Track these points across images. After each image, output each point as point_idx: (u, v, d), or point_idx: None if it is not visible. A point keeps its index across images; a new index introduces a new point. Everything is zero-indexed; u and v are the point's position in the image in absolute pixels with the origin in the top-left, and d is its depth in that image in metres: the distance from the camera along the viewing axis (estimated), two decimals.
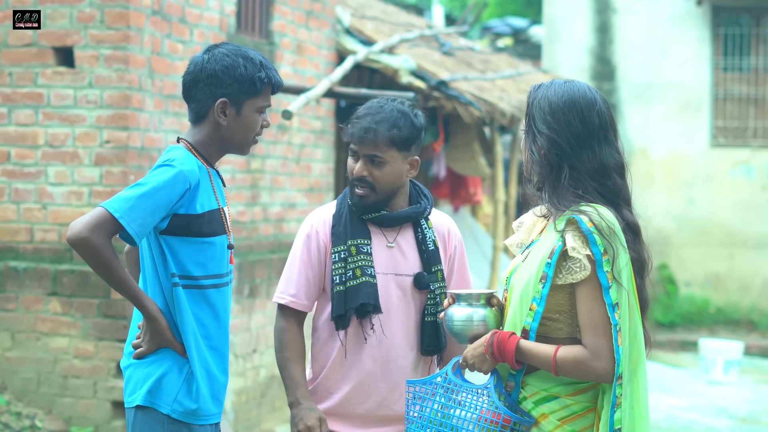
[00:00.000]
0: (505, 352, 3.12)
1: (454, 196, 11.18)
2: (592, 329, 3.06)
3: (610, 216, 3.11)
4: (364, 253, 3.74)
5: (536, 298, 3.12)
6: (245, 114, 3.52)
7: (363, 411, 3.77)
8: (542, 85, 3.26)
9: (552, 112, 3.17)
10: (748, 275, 14.60)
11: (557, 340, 3.13)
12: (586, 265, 3.06)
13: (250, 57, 3.52)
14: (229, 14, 7.73)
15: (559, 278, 3.10)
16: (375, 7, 12.06)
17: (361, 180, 3.74)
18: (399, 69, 9.14)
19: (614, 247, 3.06)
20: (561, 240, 3.10)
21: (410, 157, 3.78)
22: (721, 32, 14.80)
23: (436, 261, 3.78)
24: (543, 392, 3.16)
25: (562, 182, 3.14)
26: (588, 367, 3.07)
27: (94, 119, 6.69)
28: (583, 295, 3.08)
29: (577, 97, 3.20)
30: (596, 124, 3.19)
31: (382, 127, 3.72)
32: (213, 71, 3.48)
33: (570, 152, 3.15)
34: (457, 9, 22.82)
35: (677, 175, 14.81)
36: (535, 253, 3.19)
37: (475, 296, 3.25)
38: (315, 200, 9.03)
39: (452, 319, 3.26)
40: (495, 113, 9.62)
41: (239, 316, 7.66)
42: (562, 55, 15.33)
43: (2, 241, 6.89)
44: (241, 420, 7.82)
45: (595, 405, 3.15)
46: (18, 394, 6.83)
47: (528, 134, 3.23)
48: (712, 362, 11.38)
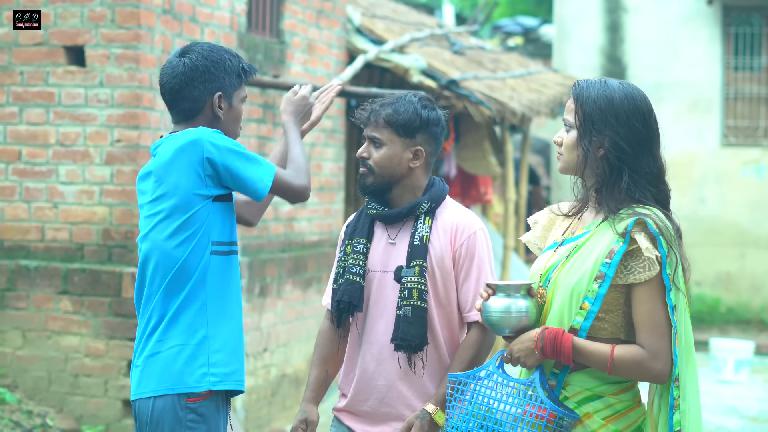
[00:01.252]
0: (562, 349, 3.10)
1: (465, 195, 11.16)
2: (652, 330, 3.07)
3: (667, 221, 3.14)
4: (356, 252, 3.79)
5: (589, 297, 3.11)
6: (235, 105, 3.71)
7: (368, 408, 3.80)
8: (593, 83, 3.24)
9: (615, 113, 3.16)
10: (759, 275, 14.57)
11: (599, 340, 3.13)
12: (654, 265, 3.06)
13: (229, 50, 3.71)
14: (239, 13, 7.74)
15: (619, 278, 3.10)
16: (385, 6, 12.06)
17: (363, 161, 3.81)
18: (409, 68, 9.13)
19: (675, 250, 3.10)
20: (622, 241, 3.09)
21: (413, 146, 3.77)
22: (732, 31, 14.77)
23: (419, 256, 3.72)
24: (587, 392, 3.16)
25: (623, 185, 3.15)
26: (646, 367, 3.08)
27: (105, 118, 6.70)
28: (643, 295, 3.09)
29: (639, 100, 3.20)
30: (655, 129, 3.21)
31: (383, 110, 3.77)
32: (206, 68, 3.61)
33: (632, 155, 3.15)
34: (468, 8, 22.81)
35: (688, 174, 14.79)
36: (585, 252, 3.17)
37: (514, 287, 3.20)
38: (326, 199, 9.03)
39: (489, 310, 3.21)
40: (505, 112, 9.61)
41: (250, 315, 7.66)
42: (573, 55, 15.31)
43: (13, 240, 6.91)
44: (252, 419, 7.82)
45: (636, 404, 3.18)
46: (29, 392, 6.84)
47: (584, 133, 3.20)
48: (723, 362, 11.36)
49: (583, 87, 3.23)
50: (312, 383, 3.87)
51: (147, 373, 3.55)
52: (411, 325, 3.69)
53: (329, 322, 3.90)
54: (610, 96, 3.18)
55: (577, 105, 3.22)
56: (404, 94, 3.85)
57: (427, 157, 3.82)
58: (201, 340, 3.53)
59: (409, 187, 3.81)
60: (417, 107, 3.77)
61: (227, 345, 3.57)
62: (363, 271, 3.78)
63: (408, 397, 3.75)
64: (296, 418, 3.84)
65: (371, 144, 3.79)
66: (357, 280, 3.77)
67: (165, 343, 3.54)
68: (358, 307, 3.77)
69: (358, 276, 3.77)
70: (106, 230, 6.71)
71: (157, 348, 3.55)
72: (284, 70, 8.34)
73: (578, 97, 3.22)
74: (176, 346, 3.53)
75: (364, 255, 3.79)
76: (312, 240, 8.80)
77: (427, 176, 3.86)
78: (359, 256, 3.79)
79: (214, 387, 3.51)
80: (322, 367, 3.89)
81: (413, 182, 3.81)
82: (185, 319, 3.54)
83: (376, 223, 3.85)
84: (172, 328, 3.54)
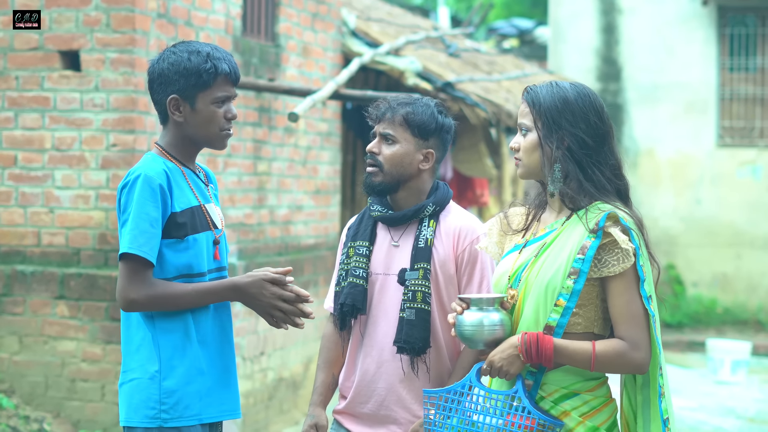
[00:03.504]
0: (543, 351, 3.12)
1: (461, 197, 11.16)
2: (630, 321, 3.12)
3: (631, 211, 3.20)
4: (359, 254, 3.79)
5: (564, 294, 3.14)
6: (200, 108, 3.49)
7: (368, 411, 3.80)
8: (545, 86, 3.28)
9: (572, 111, 3.21)
10: (755, 275, 14.58)
11: (573, 336, 3.16)
12: (630, 257, 3.11)
13: (197, 50, 3.48)
14: (234, 17, 7.73)
15: (594, 272, 3.14)
16: (380, 9, 12.07)
17: (372, 156, 3.79)
18: (405, 71, 9.13)
19: (644, 242, 3.15)
20: (594, 236, 3.12)
21: (425, 149, 3.79)
22: (727, 32, 14.79)
23: (423, 258, 3.73)
24: (563, 389, 3.18)
25: (590, 179, 3.20)
26: (628, 358, 3.12)
27: (101, 123, 6.69)
28: (619, 288, 3.13)
29: (592, 97, 3.25)
30: (610, 124, 3.26)
31: (401, 108, 3.77)
32: (162, 70, 3.49)
33: (595, 149, 3.20)
34: (463, 10, 22.82)
35: (684, 175, 14.80)
36: (555, 249, 3.20)
37: (487, 300, 3.22)
38: (322, 202, 9.03)
39: (462, 324, 3.23)
40: (501, 114, 9.61)
41: (246, 318, 7.66)
42: (568, 56, 15.32)
43: (9, 245, 6.90)
44: (249, 423, 7.82)
45: (609, 399, 3.21)
46: (26, 397, 6.84)
47: (547, 133, 3.22)
48: (720, 362, 11.37)
49: (537, 90, 3.28)
50: (319, 387, 3.87)
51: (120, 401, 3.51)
52: (414, 328, 3.69)
53: (333, 326, 3.89)
54: (565, 96, 3.23)
55: (532, 108, 3.26)
56: (420, 97, 3.88)
57: (436, 161, 3.84)
58: (153, 375, 3.42)
59: (414, 190, 3.82)
60: (434, 111, 3.80)
61: (186, 379, 3.43)
62: (366, 274, 3.78)
63: (407, 400, 3.74)
64: (305, 423, 3.82)
65: (383, 141, 3.78)
66: (360, 283, 3.77)
67: (127, 375, 3.48)
68: (362, 310, 3.77)
69: (361, 279, 3.77)
70: (102, 235, 6.70)
71: (123, 378, 3.49)
72: (280, 73, 8.34)
73: (533, 101, 3.26)
74: (135, 380, 3.44)
75: (367, 258, 3.79)
76: (308, 243, 8.79)
77: (432, 181, 3.87)
78: (362, 259, 3.79)
79: (165, 424, 3.41)
80: (328, 370, 3.89)
81: (419, 185, 3.82)
82: (142, 350, 3.45)
83: (378, 225, 3.85)
84: (131, 358, 3.47)
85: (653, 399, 3.15)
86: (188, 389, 3.44)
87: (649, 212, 14.75)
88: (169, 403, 3.41)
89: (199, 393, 3.46)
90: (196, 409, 3.45)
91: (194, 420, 3.44)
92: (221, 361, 3.55)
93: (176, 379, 3.42)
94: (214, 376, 3.51)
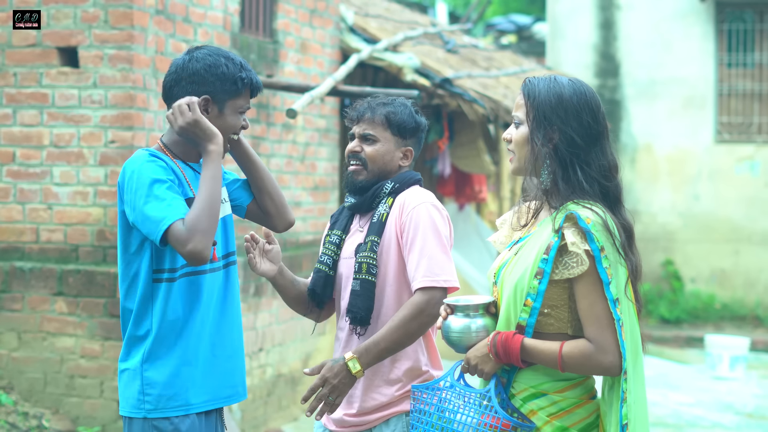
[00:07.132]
0: (510, 350, 3.12)
1: (459, 194, 11.17)
2: (595, 323, 3.08)
3: (605, 214, 3.12)
4: (330, 242, 3.95)
5: (531, 294, 3.13)
6: (227, 114, 3.60)
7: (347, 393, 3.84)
8: (543, 79, 3.26)
9: (565, 108, 3.17)
10: (753, 271, 14.60)
11: (547, 336, 3.15)
12: (584, 260, 3.07)
13: (231, 57, 3.61)
14: (232, 13, 7.73)
15: (556, 273, 3.11)
16: (379, 5, 12.07)
17: (355, 156, 3.92)
18: (403, 67, 9.13)
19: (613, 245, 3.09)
20: (556, 236, 3.10)
21: (404, 147, 3.92)
22: (725, 28, 14.79)
23: (374, 232, 3.81)
24: (531, 389, 3.17)
25: (572, 178, 3.16)
26: (595, 361, 3.08)
27: (99, 119, 6.69)
28: (582, 290, 3.10)
29: (588, 96, 3.21)
30: (604, 125, 3.22)
31: (381, 108, 3.90)
32: (195, 70, 3.55)
33: (584, 148, 3.16)
34: (461, 6, 22.82)
35: (682, 171, 14.81)
36: (528, 248, 3.20)
37: (473, 306, 3.23)
38: (320, 199, 9.03)
39: (449, 330, 3.24)
40: (499, 110, 9.61)
41: (245, 314, 7.66)
42: (566, 52, 15.32)
43: (8, 242, 6.90)
44: (248, 419, 7.82)
45: (584, 400, 3.19)
46: (25, 394, 6.84)
47: (536, 127, 3.20)
48: (718, 358, 11.38)
49: (533, 83, 3.24)
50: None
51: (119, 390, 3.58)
52: (358, 298, 3.77)
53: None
54: (560, 92, 3.19)
55: (527, 100, 3.23)
56: (396, 98, 3.99)
57: (413, 159, 3.97)
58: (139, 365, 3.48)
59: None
60: (411, 111, 3.93)
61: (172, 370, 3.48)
62: (332, 261, 3.91)
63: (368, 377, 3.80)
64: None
65: (362, 141, 3.90)
66: (323, 269, 3.91)
67: (120, 366, 3.55)
68: (322, 296, 3.91)
69: (325, 265, 3.91)
70: (100, 231, 6.70)
71: (120, 367, 3.56)
72: (278, 69, 8.33)
73: (528, 93, 3.23)
74: (125, 371, 3.52)
75: (337, 246, 3.92)
76: (306, 239, 8.79)
77: None
78: (332, 246, 3.93)
79: (149, 415, 3.47)
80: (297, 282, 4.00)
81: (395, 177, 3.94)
82: (133, 342, 3.52)
83: (355, 216, 3.99)
84: (125, 350, 3.54)
85: (615, 404, 3.13)
86: (174, 380, 3.49)
87: (647, 208, 14.77)
88: (153, 394, 3.48)
89: (187, 383, 3.50)
90: (183, 400, 3.50)
91: (181, 410, 3.49)
92: (221, 348, 3.60)
93: (159, 370, 3.48)
94: (207, 365, 3.55)
